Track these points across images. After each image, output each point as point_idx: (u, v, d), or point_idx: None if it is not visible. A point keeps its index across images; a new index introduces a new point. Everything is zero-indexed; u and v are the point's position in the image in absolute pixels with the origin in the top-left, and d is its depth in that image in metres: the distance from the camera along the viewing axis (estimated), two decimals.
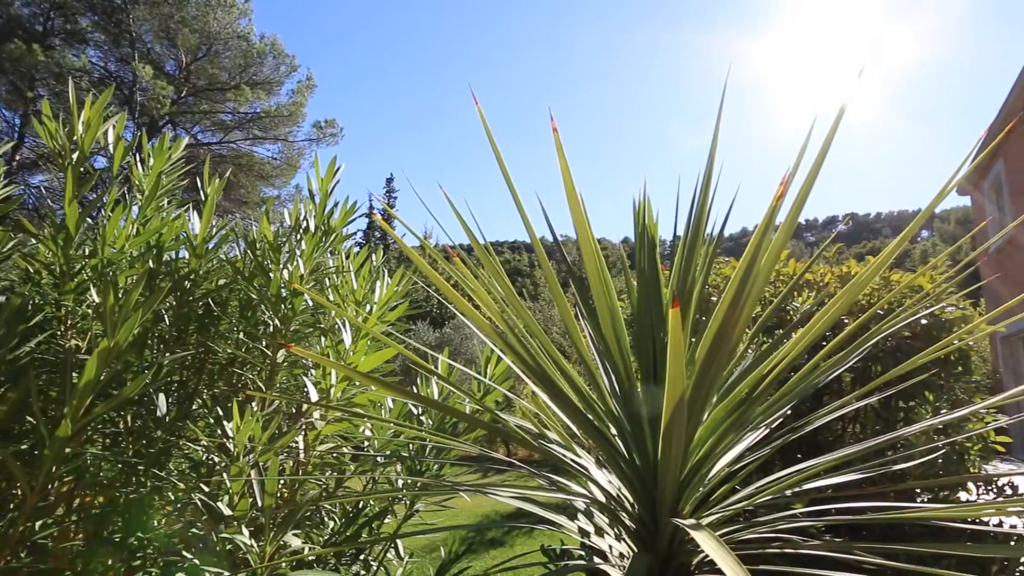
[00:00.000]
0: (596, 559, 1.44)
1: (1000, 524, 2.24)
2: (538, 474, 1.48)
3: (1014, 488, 2.34)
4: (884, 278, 2.70)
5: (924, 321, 2.54)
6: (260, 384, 2.21)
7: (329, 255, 2.63)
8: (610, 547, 1.34)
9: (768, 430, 1.58)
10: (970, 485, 2.48)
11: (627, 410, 1.14)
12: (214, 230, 2.37)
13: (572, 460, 1.45)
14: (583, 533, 1.42)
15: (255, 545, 1.42)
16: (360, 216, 2.56)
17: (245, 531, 1.45)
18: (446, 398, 2.56)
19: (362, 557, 2.25)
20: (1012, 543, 2.11)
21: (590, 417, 1.19)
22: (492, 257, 1.28)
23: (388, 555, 2.31)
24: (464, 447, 1.73)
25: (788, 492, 1.45)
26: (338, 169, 2.39)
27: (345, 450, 2.41)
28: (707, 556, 1.32)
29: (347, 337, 2.26)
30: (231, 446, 1.60)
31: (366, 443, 2.50)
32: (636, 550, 1.23)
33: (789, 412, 2.07)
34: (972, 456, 2.51)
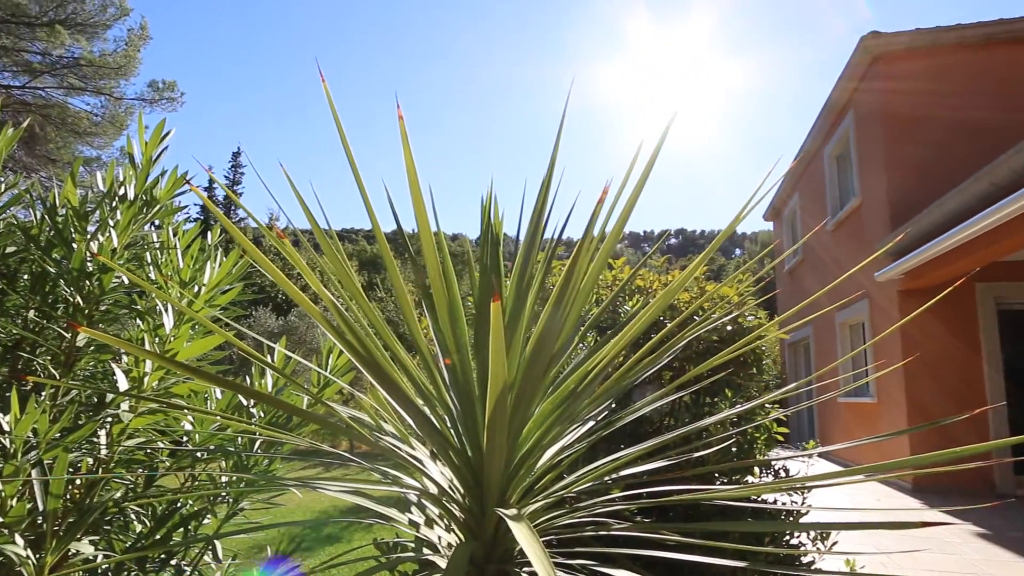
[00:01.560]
0: (426, 550, 1.46)
1: (775, 502, 2.65)
2: (372, 467, 1.46)
3: (787, 471, 2.77)
4: (701, 288, 3.05)
5: (729, 328, 2.91)
6: (53, 370, 1.92)
7: (153, 229, 2.36)
8: (439, 537, 1.37)
9: (594, 422, 1.72)
10: (756, 469, 2.90)
11: (461, 403, 1.17)
12: (2, 187, 2.02)
13: (407, 453, 1.45)
14: (414, 525, 1.42)
15: (31, 556, 1.23)
16: (194, 189, 2.32)
17: (19, 540, 1.25)
18: (280, 390, 2.43)
19: (174, 562, 2.05)
20: (781, 518, 2.50)
21: (425, 410, 1.20)
22: (335, 243, 1.24)
23: (206, 558, 2.14)
24: (300, 441, 1.65)
25: (608, 479, 1.58)
26: (167, 134, 2.15)
27: (160, 445, 2.18)
28: None
29: (168, 321, 2.05)
30: (7, 442, 1.37)
31: (185, 437, 2.29)
32: (463, 539, 1.26)
33: (614, 405, 2.25)
34: (759, 445, 2.94)
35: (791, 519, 2.59)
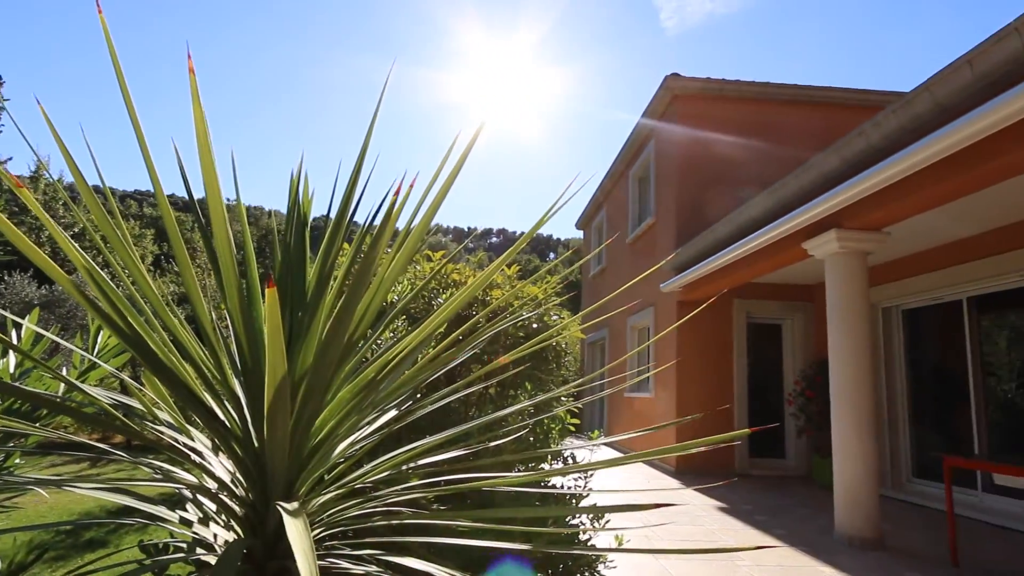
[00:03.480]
0: (201, 550, 1.34)
1: (562, 487, 2.89)
2: (138, 461, 1.29)
3: (574, 459, 3.05)
4: (513, 286, 3.22)
5: (535, 325, 3.12)
6: None
7: None
8: (215, 535, 1.26)
9: (398, 411, 1.72)
10: (548, 457, 3.14)
11: (250, 390, 1.09)
12: None
13: (184, 444, 1.31)
14: (186, 523, 1.29)
15: None
16: None
17: None
18: (26, 373, 2.05)
19: None
20: (566, 500, 2.74)
21: (207, 397, 1.10)
22: (110, 204, 1.07)
23: None
24: (48, 433, 1.40)
25: (407, 467, 1.59)
26: None
27: None
28: (320, 534, 1.35)
29: None
30: None
31: None
32: (243, 536, 1.18)
33: (420, 395, 2.27)
34: (554, 434, 3.19)
35: (574, 501, 2.85)
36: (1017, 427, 5.81)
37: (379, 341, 2.52)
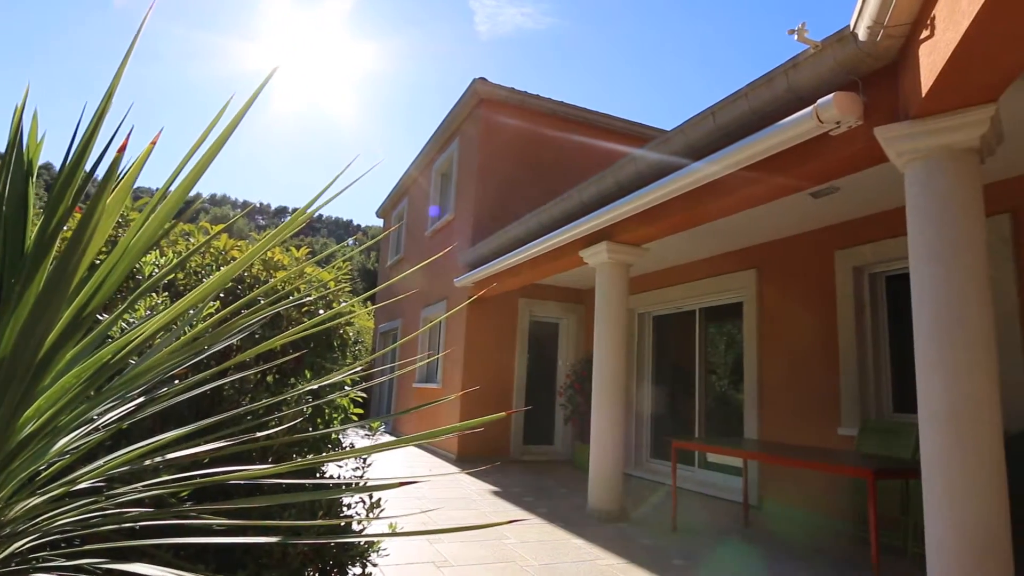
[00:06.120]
0: None
1: (339, 477, 2.82)
2: None
3: (352, 446, 3.00)
4: (301, 271, 3.04)
5: (322, 311, 2.98)
6: None
7: None
8: None
9: (146, 398, 1.51)
10: (328, 448, 3.03)
11: None
12: None
13: None
14: None
15: None
16: None
17: None
18: None
19: None
20: (341, 487, 2.68)
21: None
22: None
23: None
24: None
25: (155, 460, 1.41)
26: None
27: None
28: (26, 544, 1.13)
29: None
30: None
31: None
32: None
33: (178, 381, 2.03)
34: (336, 424, 3.09)
35: (347, 490, 2.79)
36: (727, 415, 7.19)
37: (132, 320, 2.19)
